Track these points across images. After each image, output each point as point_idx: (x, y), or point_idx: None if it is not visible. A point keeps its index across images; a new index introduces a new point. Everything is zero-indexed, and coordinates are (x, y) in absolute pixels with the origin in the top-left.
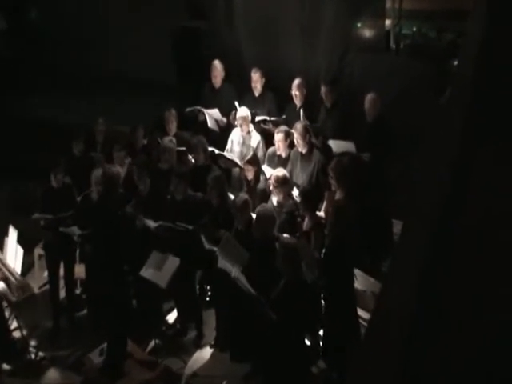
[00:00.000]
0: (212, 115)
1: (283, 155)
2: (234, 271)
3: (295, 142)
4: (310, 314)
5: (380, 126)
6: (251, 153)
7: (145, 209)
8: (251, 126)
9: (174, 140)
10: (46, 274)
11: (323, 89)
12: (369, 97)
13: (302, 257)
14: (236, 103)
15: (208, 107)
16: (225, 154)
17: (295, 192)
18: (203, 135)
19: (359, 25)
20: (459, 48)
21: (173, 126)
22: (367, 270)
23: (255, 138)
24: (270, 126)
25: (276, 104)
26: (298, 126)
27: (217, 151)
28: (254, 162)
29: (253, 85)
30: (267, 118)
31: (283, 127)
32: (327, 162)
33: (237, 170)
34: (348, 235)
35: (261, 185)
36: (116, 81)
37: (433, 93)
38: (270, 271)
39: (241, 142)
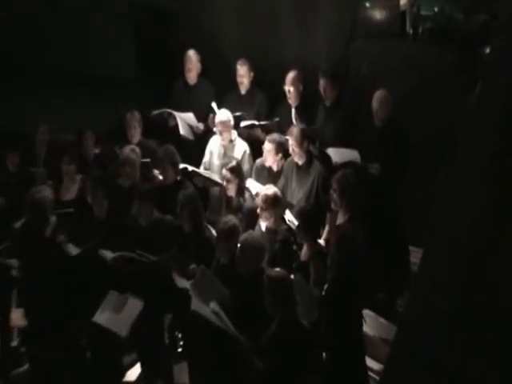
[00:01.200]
0: (185, 119)
1: (274, 168)
2: (213, 305)
3: (290, 151)
4: (306, 365)
5: (392, 131)
6: (233, 161)
7: (100, 236)
8: (235, 133)
9: (138, 150)
10: None
11: (322, 82)
12: (378, 94)
13: (297, 294)
14: (215, 104)
15: (180, 109)
16: (201, 171)
17: (289, 214)
18: (174, 145)
19: (368, 4)
20: (492, 32)
21: (135, 133)
22: (379, 309)
23: (240, 148)
24: (259, 133)
25: (267, 104)
26: (295, 130)
27: (190, 168)
28: (237, 171)
29: (238, 80)
30: (255, 122)
31: (275, 135)
32: (329, 176)
33: (216, 189)
34: (355, 267)
35: (246, 204)
36: (64, 78)
37: (459, 89)
38: (258, 313)
39: (221, 153)
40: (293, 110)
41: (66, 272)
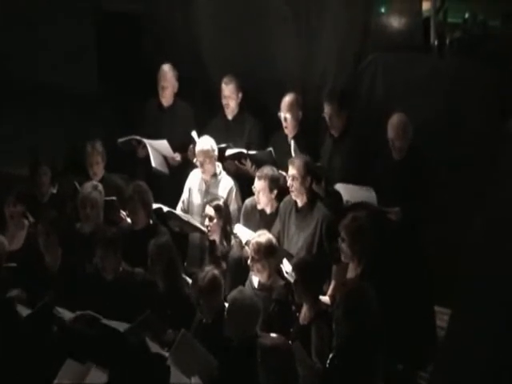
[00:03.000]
0: (158, 149)
1: (268, 210)
2: (194, 381)
3: (289, 186)
4: None
5: (413, 164)
6: (217, 198)
7: (55, 292)
8: (219, 167)
9: (100, 187)
10: None
11: (327, 110)
12: (393, 120)
13: (296, 365)
14: (195, 133)
15: (152, 136)
16: (179, 213)
17: (288, 265)
18: (145, 180)
19: (383, 9)
20: None
21: (98, 168)
22: (397, 382)
23: (225, 184)
24: (248, 166)
25: (259, 132)
26: (297, 161)
27: (166, 209)
28: (222, 210)
29: (223, 102)
30: (243, 150)
31: (267, 169)
32: (336, 220)
33: (196, 234)
34: (366, 333)
35: (233, 253)
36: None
37: (496, 113)
38: (249, 382)
39: (203, 189)
40: (292, 141)
41: (14, 336)
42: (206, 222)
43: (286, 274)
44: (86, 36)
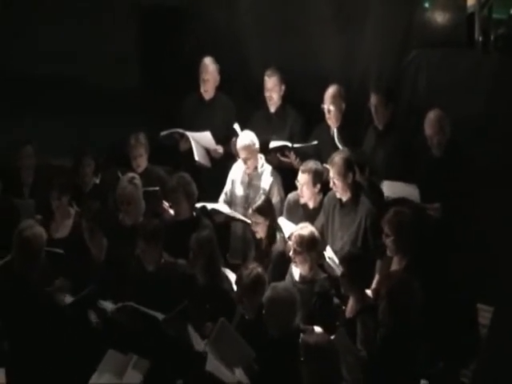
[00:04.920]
0: (200, 142)
1: (311, 205)
2: (239, 374)
3: (331, 184)
4: None
5: (453, 161)
6: (260, 199)
7: (99, 283)
8: (261, 159)
9: (137, 180)
10: None
11: (374, 100)
12: (430, 116)
13: (340, 357)
14: (237, 126)
15: (194, 129)
16: (222, 208)
17: (330, 251)
18: (188, 172)
19: (427, 4)
20: None
21: (141, 161)
22: (439, 380)
23: (268, 177)
24: (292, 159)
25: (302, 125)
26: (337, 159)
27: (210, 206)
28: (267, 211)
29: (266, 95)
30: (288, 143)
31: (311, 163)
32: (380, 214)
33: (239, 225)
34: (410, 326)
35: (277, 247)
36: (53, 91)
37: None
38: (292, 379)
39: (245, 182)
40: (335, 131)
41: (57, 325)
42: (252, 225)
43: (328, 260)
44: (127, 32)
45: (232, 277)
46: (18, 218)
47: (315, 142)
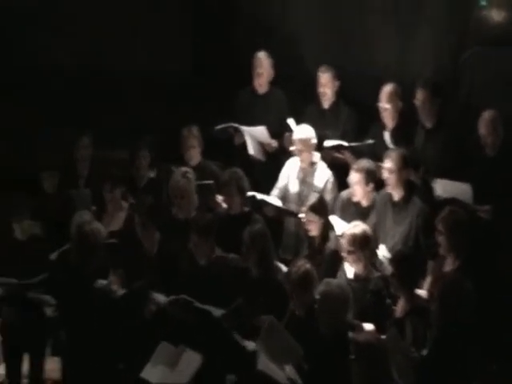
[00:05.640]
0: (255, 136)
1: (364, 203)
2: (289, 370)
3: (385, 180)
4: None
5: (506, 161)
6: (316, 195)
7: (151, 276)
8: (317, 156)
9: (191, 174)
10: (1, 370)
11: (420, 95)
12: (485, 116)
13: (391, 357)
14: (292, 121)
15: (247, 123)
16: (272, 200)
17: (384, 249)
18: (241, 167)
19: (484, 3)
20: None
21: (194, 153)
22: (492, 382)
23: (322, 175)
24: (347, 156)
25: (355, 121)
26: (393, 155)
27: (260, 196)
28: (321, 210)
29: (320, 90)
30: (344, 143)
31: (363, 162)
32: (433, 214)
33: (292, 221)
34: (463, 328)
35: (330, 245)
36: (95, 80)
37: None
38: (341, 379)
39: (300, 178)
40: (387, 132)
41: (110, 317)
42: (306, 224)
43: (381, 258)
44: (182, 25)
45: (285, 270)
46: (74, 209)
47: (371, 141)
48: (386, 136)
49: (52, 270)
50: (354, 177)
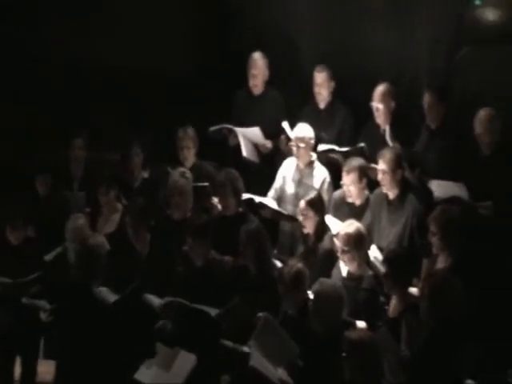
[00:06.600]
0: (249, 137)
1: (357, 202)
2: (281, 373)
3: (380, 180)
4: None
5: (502, 160)
6: (313, 193)
7: (144, 278)
8: (314, 156)
9: (189, 174)
10: None
11: (428, 99)
12: (481, 114)
13: (383, 355)
14: (286, 124)
15: (243, 124)
16: (270, 203)
17: (375, 250)
18: (235, 168)
19: (478, 1)
20: None
21: (189, 154)
22: (486, 380)
23: (319, 175)
24: (340, 160)
25: (351, 122)
26: (387, 154)
27: (258, 199)
28: (318, 206)
29: (315, 91)
30: (335, 147)
31: (353, 162)
32: (427, 213)
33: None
34: (454, 327)
35: (324, 245)
36: (88, 79)
37: None
38: (334, 377)
39: (297, 179)
40: (387, 129)
41: (104, 320)
42: (300, 217)
43: (373, 259)
44: (178, 27)
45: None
46: (69, 211)
47: (362, 145)
48: (387, 133)
49: (47, 271)
50: (347, 178)
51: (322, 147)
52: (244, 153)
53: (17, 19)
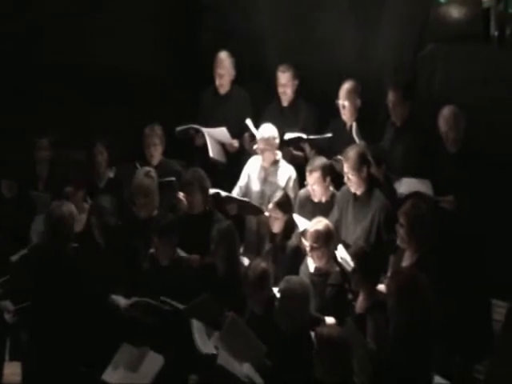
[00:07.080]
0: (216, 137)
1: (323, 199)
2: (247, 369)
3: (345, 179)
4: None
5: (468, 156)
6: (280, 192)
7: (111, 279)
8: (279, 154)
9: (153, 173)
10: None
11: (392, 97)
12: (444, 112)
13: (352, 352)
14: (250, 122)
15: (209, 124)
16: (238, 197)
17: (342, 250)
18: (202, 167)
19: None
20: None
21: (156, 152)
22: (452, 376)
23: (284, 173)
24: (307, 151)
25: (314, 119)
26: (351, 153)
27: (224, 193)
28: (286, 206)
29: (280, 90)
30: (303, 135)
31: (316, 161)
32: (395, 209)
33: (253, 219)
34: (423, 322)
35: (291, 242)
36: (66, 78)
37: None
38: (303, 375)
39: (262, 177)
40: (353, 125)
41: (71, 321)
42: (270, 220)
43: (340, 260)
44: (144, 25)
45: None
46: (34, 210)
47: (329, 135)
48: (354, 130)
49: (13, 272)
50: (311, 178)
51: (289, 135)
52: (211, 153)
53: None
